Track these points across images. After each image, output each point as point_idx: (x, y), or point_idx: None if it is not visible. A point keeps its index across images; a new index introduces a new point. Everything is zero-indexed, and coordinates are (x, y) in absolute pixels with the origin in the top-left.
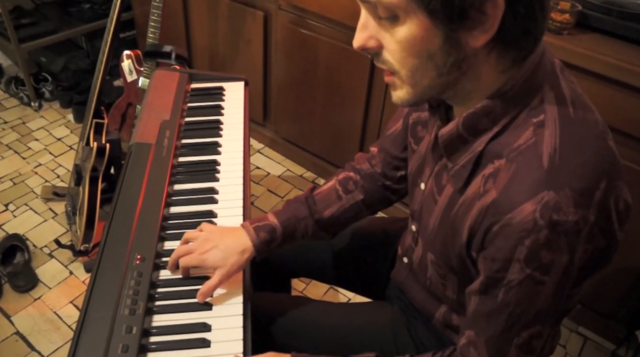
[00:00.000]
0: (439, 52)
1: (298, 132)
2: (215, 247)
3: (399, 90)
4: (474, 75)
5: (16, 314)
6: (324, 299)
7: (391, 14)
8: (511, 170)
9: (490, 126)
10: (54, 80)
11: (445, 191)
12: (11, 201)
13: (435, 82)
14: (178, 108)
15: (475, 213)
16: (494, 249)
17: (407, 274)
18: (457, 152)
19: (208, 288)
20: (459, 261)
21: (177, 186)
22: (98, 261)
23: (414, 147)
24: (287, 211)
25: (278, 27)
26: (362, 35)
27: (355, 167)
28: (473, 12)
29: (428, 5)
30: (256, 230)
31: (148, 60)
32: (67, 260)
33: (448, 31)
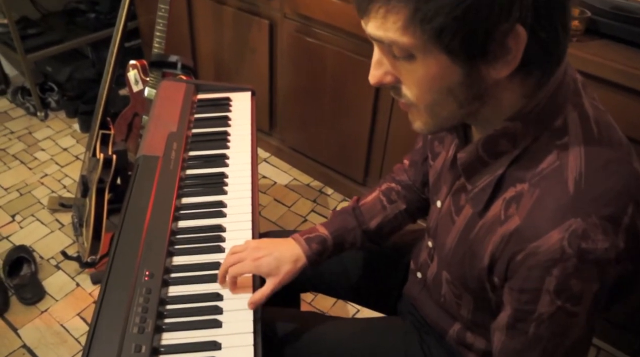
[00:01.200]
0: (459, 87)
1: (304, 140)
2: (269, 255)
3: (417, 120)
4: (495, 102)
5: (23, 326)
6: (332, 310)
7: (407, 53)
8: (535, 195)
9: (510, 148)
10: (60, 89)
11: (463, 212)
12: (18, 212)
13: (456, 114)
14: (185, 119)
15: (498, 239)
16: (520, 279)
17: (421, 289)
18: (476, 175)
19: (261, 296)
20: (477, 284)
21: (185, 200)
22: (106, 277)
23: (431, 162)
24: (336, 222)
25: (284, 35)
26: (378, 72)
27: (395, 178)
28: (494, 47)
29: (447, 46)
30: (307, 241)
31: (154, 70)
32: (74, 272)
33: (468, 67)
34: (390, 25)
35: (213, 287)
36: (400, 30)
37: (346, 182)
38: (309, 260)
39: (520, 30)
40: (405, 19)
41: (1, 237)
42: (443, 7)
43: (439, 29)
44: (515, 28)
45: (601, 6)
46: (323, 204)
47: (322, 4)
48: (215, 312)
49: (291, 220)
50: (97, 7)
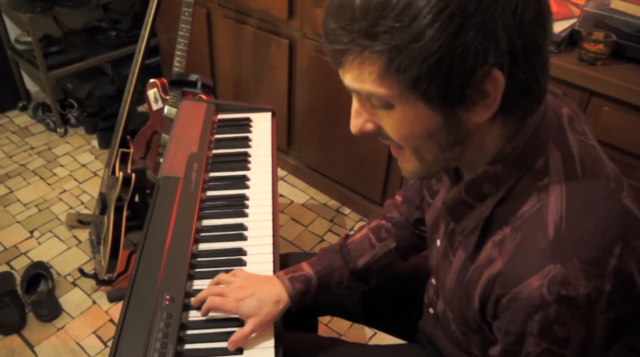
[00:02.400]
0: (439, 132)
1: (322, 160)
2: (251, 296)
3: (407, 164)
4: (477, 145)
5: (39, 344)
6: (349, 332)
7: (385, 103)
8: (516, 240)
9: (494, 191)
10: (80, 106)
11: (458, 254)
12: (36, 228)
13: (440, 158)
14: (205, 140)
15: (484, 282)
16: (506, 321)
17: (434, 324)
18: (463, 218)
19: (241, 337)
20: (476, 325)
21: (205, 222)
22: (127, 301)
23: (429, 200)
24: (322, 260)
25: (303, 55)
26: (358, 121)
27: (386, 215)
28: (472, 93)
29: (424, 94)
30: (291, 280)
31: (174, 89)
32: (91, 289)
33: (447, 113)
34: (366, 76)
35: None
36: (377, 81)
37: (364, 201)
38: (292, 300)
39: (497, 74)
40: (380, 70)
41: (19, 253)
42: (416, 57)
43: (414, 79)
44: (491, 73)
45: (627, 29)
46: (340, 223)
47: None
48: None
49: (308, 239)
50: (118, 25)
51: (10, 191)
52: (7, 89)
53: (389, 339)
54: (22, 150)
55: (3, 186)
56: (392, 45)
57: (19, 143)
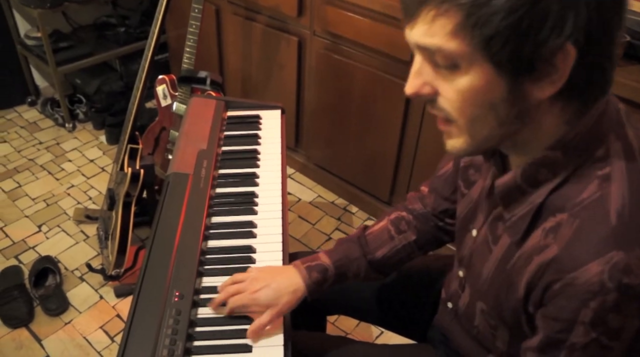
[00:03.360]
0: (501, 103)
1: (330, 158)
2: (266, 286)
3: (454, 139)
4: (536, 125)
5: (47, 337)
6: (355, 331)
7: (451, 62)
8: (574, 225)
9: (550, 177)
10: (88, 102)
11: (501, 241)
12: (44, 222)
13: (495, 133)
14: (215, 137)
15: (534, 269)
16: (556, 308)
17: (452, 319)
18: (514, 203)
19: (259, 326)
20: (513, 315)
21: (214, 219)
22: (136, 297)
23: (464, 190)
24: (339, 250)
25: (312, 53)
26: (416, 82)
27: (408, 207)
28: (541, 64)
29: (494, 56)
30: (308, 270)
31: (183, 86)
32: (98, 284)
33: (513, 82)
34: (438, 29)
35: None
36: (449, 36)
37: (371, 200)
38: (308, 289)
39: (571, 49)
40: (455, 24)
41: (28, 247)
42: (497, 13)
43: (490, 36)
44: (565, 46)
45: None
46: (347, 222)
47: (352, 23)
48: (245, 336)
49: (315, 238)
50: (127, 21)
51: (18, 186)
52: (16, 84)
53: (395, 339)
54: (31, 145)
55: (12, 180)
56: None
57: (28, 138)
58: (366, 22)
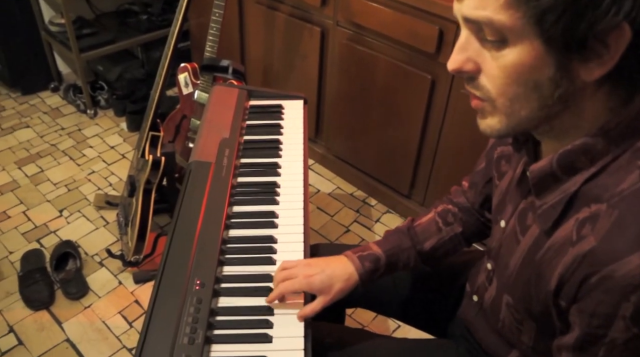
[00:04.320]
0: (547, 82)
1: (350, 149)
2: (321, 272)
3: (489, 118)
4: (578, 110)
5: (67, 321)
6: (372, 324)
7: (500, 37)
8: (614, 216)
9: (587, 166)
10: (110, 88)
11: (530, 232)
12: (65, 207)
13: (535, 115)
14: (237, 126)
15: (569, 260)
16: (593, 302)
17: (477, 313)
18: (547, 191)
19: (311, 311)
20: (542, 308)
21: (236, 208)
22: (157, 285)
23: (497, 182)
24: (390, 240)
25: (335, 43)
26: (460, 57)
27: (453, 200)
28: (594, 43)
29: (546, 32)
30: (360, 259)
31: (205, 74)
32: (117, 270)
33: (562, 61)
34: (490, 1)
35: (264, 300)
36: (501, 7)
37: (391, 193)
38: (361, 278)
39: (626, 28)
40: None
41: (49, 231)
42: None
43: (544, 10)
44: (621, 25)
45: None
46: (366, 214)
47: (376, 13)
48: (265, 326)
49: (333, 229)
50: (149, 9)
51: (41, 170)
52: (39, 70)
53: (412, 333)
54: (53, 130)
55: (34, 164)
56: None
57: (50, 123)
58: (390, 13)
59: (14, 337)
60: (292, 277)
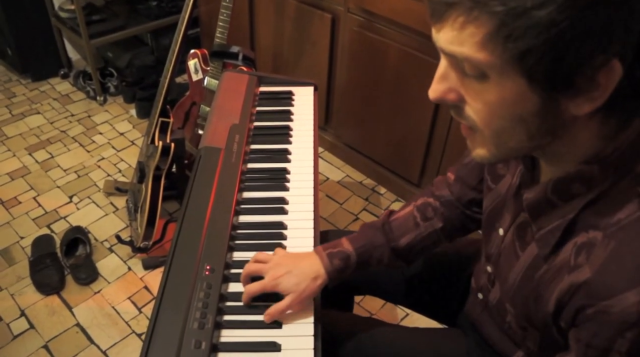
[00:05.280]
0: (532, 117)
1: (360, 137)
2: (288, 273)
3: (478, 148)
4: (569, 139)
5: (77, 305)
6: (380, 312)
7: (480, 72)
8: (609, 248)
9: (584, 192)
10: (119, 75)
11: (529, 250)
12: (75, 193)
13: (524, 145)
14: (247, 112)
15: (565, 287)
16: (589, 333)
17: (482, 310)
18: (543, 216)
19: (276, 310)
20: (543, 324)
21: (246, 194)
22: (167, 270)
23: (491, 185)
24: (363, 237)
25: (346, 30)
26: (441, 87)
27: (435, 193)
28: (581, 81)
29: (528, 70)
30: (330, 257)
31: (215, 60)
32: (126, 256)
33: (547, 97)
34: (467, 38)
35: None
36: (478, 46)
37: (400, 182)
38: (329, 277)
39: (617, 66)
40: (486, 34)
41: (59, 217)
42: (535, 27)
43: (524, 51)
44: (610, 63)
45: None
46: (375, 203)
47: (388, 0)
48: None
49: (343, 217)
50: None
51: (51, 156)
52: (49, 57)
53: (420, 321)
54: (63, 117)
55: (45, 151)
56: (510, 8)
57: (60, 110)
58: (402, 0)
59: (26, 321)
60: (260, 272)
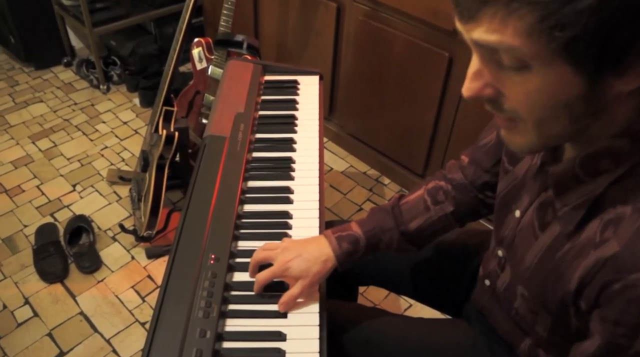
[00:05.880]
0: (577, 101)
1: (364, 128)
2: (298, 257)
3: (518, 138)
4: (608, 118)
5: (81, 294)
6: (383, 303)
7: (521, 64)
8: (638, 222)
9: (612, 168)
10: (122, 64)
11: (550, 229)
12: (78, 182)
13: (566, 131)
14: (252, 101)
15: (590, 264)
16: (616, 311)
17: (489, 298)
18: (568, 192)
19: (290, 298)
20: (559, 306)
21: (251, 183)
22: (172, 259)
23: (508, 167)
24: (372, 220)
25: (351, 19)
26: (476, 85)
27: (447, 176)
28: (632, 58)
29: (576, 56)
30: (339, 240)
31: (219, 49)
32: (130, 245)
33: (594, 79)
34: (509, 30)
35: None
36: (520, 37)
37: (404, 172)
38: (338, 260)
39: None
40: (528, 26)
41: (62, 206)
42: (583, 12)
43: (573, 38)
44: None
45: None
46: (379, 193)
47: None
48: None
49: (346, 208)
50: None
51: (54, 145)
52: (53, 45)
53: (424, 312)
54: (66, 105)
55: (48, 139)
56: None
57: (63, 98)
58: None
59: (30, 309)
60: (268, 259)
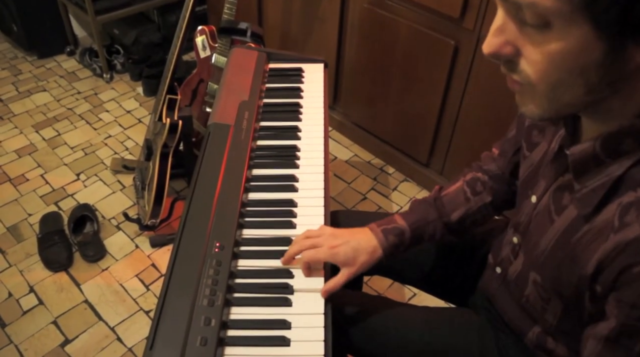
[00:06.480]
0: (595, 67)
1: (369, 117)
2: (345, 244)
3: (529, 103)
4: (628, 92)
5: (85, 282)
6: (387, 292)
7: (543, 21)
8: None
9: (635, 149)
10: (126, 52)
11: (566, 213)
12: (82, 171)
13: (580, 100)
14: (257, 88)
15: (610, 247)
16: (635, 293)
17: (499, 285)
18: (588, 174)
19: (335, 285)
20: (573, 290)
21: (255, 171)
22: (176, 246)
23: (526, 153)
24: (416, 212)
25: (356, 7)
26: (497, 40)
27: (483, 168)
28: None
29: (599, 15)
30: (385, 233)
31: (223, 37)
32: (134, 233)
33: (614, 45)
34: None
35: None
36: None
37: (409, 162)
38: (385, 253)
39: None
40: None
41: (67, 195)
42: None
43: None
44: None
45: None
46: (383, 182)
47: None
48: (285, 290)
49: (351, 197)
50: None
51: (58, 134)
52: (56, 34)
53: (428, 301)
54: (70, 94)
55: (51, 128)
56: None
57: (67, 87)
58: None
59: (35, 297)
60: (317, 246)
